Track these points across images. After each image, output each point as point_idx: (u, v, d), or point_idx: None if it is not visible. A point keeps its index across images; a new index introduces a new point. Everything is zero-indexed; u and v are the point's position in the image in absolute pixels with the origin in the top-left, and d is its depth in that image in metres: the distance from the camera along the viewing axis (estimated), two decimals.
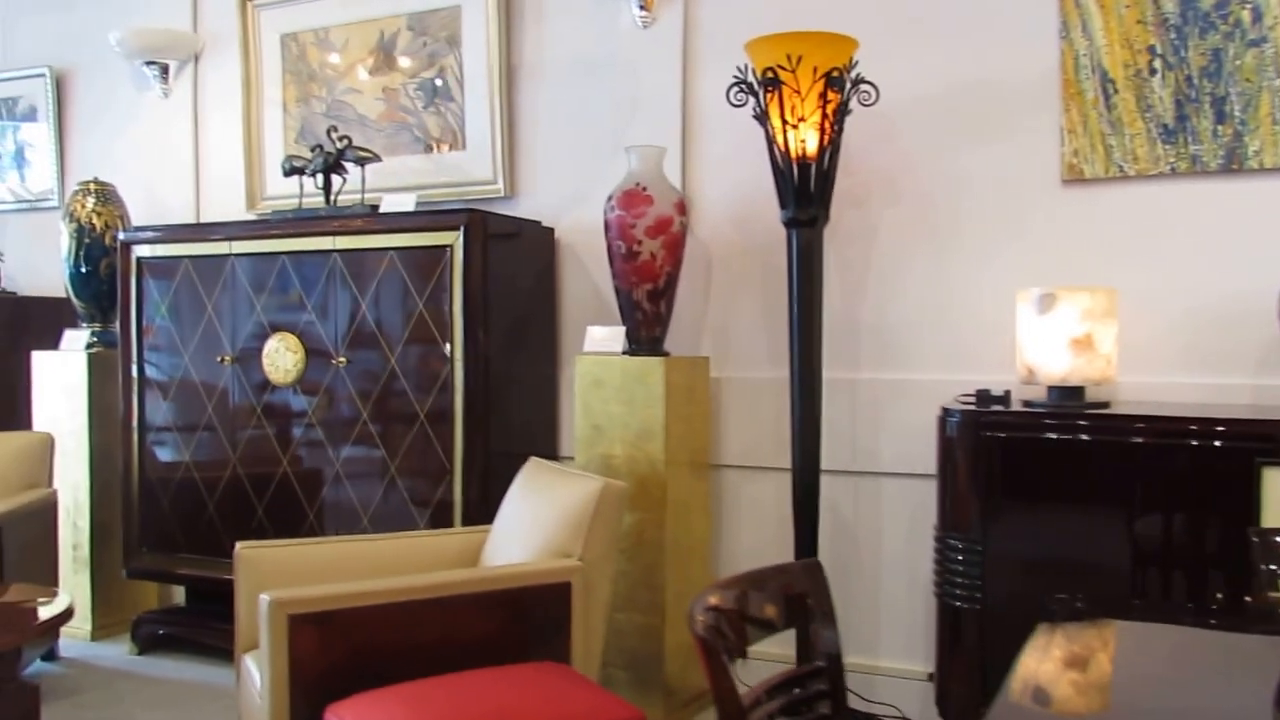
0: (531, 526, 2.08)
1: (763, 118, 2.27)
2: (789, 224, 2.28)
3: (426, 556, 2.21)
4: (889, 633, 2.59)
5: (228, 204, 3.50)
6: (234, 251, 2.91)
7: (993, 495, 2.01)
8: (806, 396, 2.29)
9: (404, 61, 3.15)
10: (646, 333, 2.53)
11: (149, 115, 3.68)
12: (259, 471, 2.90)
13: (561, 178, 2.96)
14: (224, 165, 3.54)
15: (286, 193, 3.33)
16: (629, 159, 2.54)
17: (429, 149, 3.13)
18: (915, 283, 2.55)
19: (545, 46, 2.98)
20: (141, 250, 3.08)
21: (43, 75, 3.85)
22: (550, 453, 2.93)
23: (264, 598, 1.64)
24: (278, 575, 2.03)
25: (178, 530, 3.04)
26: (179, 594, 3.48)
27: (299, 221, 2.84)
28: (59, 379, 3.32)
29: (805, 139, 2.21)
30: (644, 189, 2.47)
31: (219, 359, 2.94)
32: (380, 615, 1.69)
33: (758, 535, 2.73)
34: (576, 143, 2.94)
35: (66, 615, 1.94)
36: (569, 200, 2.95)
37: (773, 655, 1.79)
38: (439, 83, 3.10)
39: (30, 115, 3.93)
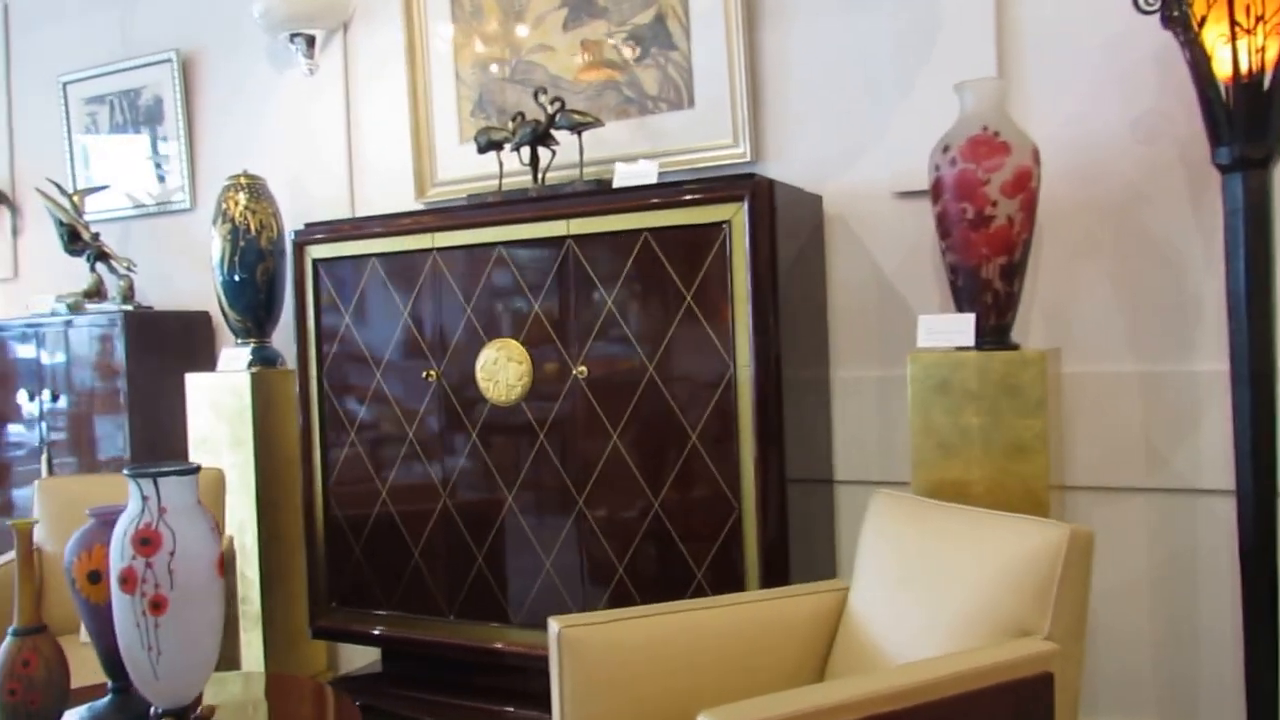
0: (938, 589, 1.54)
1: (1184, 26, 1.70)
2: (1230, 166, 1.70)
3: (778, 628, 1.69)
4: None
5: (389, 193, 3.01)
6: (436, 245, 2.41)
7: None
8: (1257, 394, 1.71)
9: (609, 7, 2.62)
10: (996, 320, 1.97)
11: (291, 96, 3.21)
12: (477, 510, 2.40)
13: (823, 135, 2.40)
14: (383, 148, 3.05)
15: (465, 175, 2.83)
16: (962, 98, 1.97)
17: (645, 110, 2.60)
18: None
19: None
20: (318, 250, 2.59)
21: (169, 60, 3.40)
22: (825, 475, 2.39)
23: None
24: (615, 660, 1.56)
25: (374, 581, 2.56)
26: (349, 653, 3.02)
27: (521, 204, 2.32)
28: (217, 404, 2.86)
29: (1265, 47, 1.62)
30: (996, 134, 1.90)
31: (423, 374, 2.44)
32: None
33: (1117, 576, 2.14)
34: (843, 90, 2.37)
35: None
36: (835, 162, 2.39)
37: None
38: (657, 28, 2.56)
39: (155, 106, 3.48)
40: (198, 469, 1.38)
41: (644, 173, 2.27)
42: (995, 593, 1.44)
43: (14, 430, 3.40)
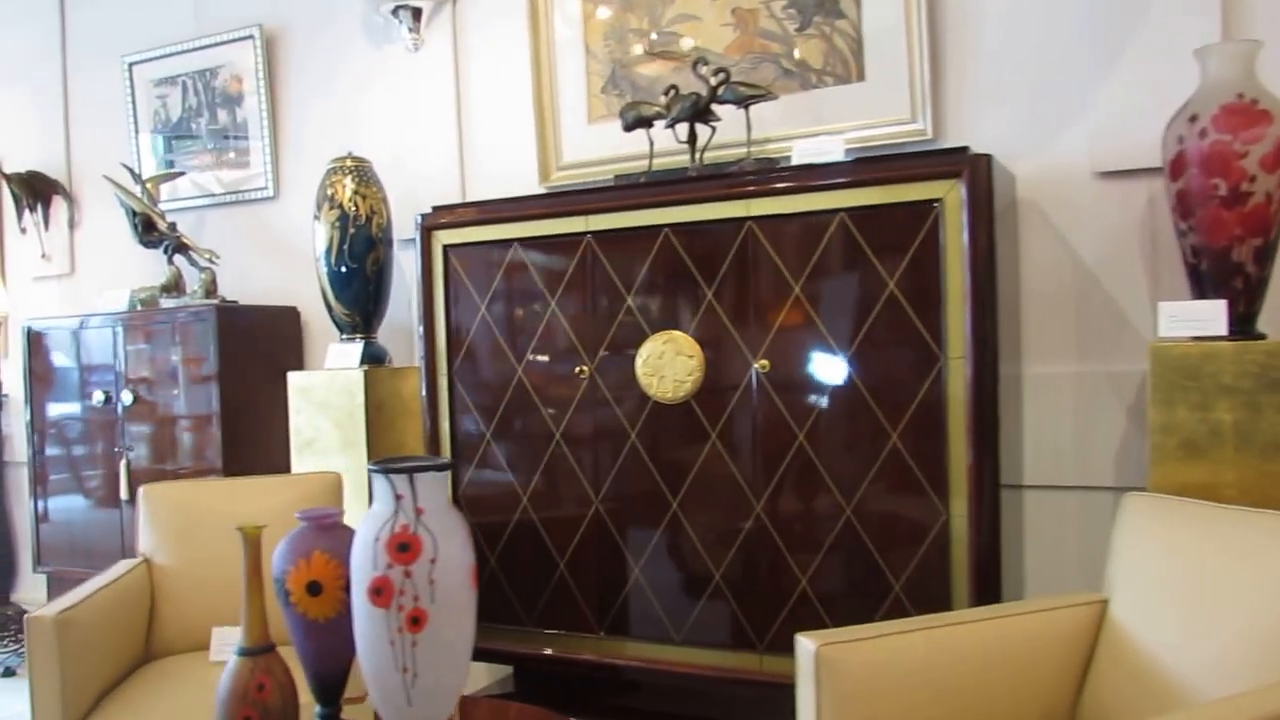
0: (1240, 604, 1.37)
1: None
2: None
3: (1036, 645, 1.54)
4: None
5: (505, 176, 2.81)
6: (590, 229, 2.22)
7: None
8: None
9: None
10: (1245, 307, 1.79)
11: (393, 74, 3.00)
12: (635, 517, 2.20)
13: (1013, 111, 2.21)
14: (498, 129, 2.84)
15: (595, 157, 2.64)
16: (1205, 64, 1.79)
17: (807, 84, 2.41)
18: None
19: None
20: (448, 235, 2.39)
21: (251, 37, 3.19)
22: (1014, 479, 2.20)
23: None
24: (875, 683, 1.42)
25: (513, 594, 2.36)
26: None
27: (687, 184, 2.13)
28: (325, 404, 2.65)
29: None
30: (1254, 102, 1.73)
31: (574, 370, 2.24)
32: None
33: None
34: (1036, 60, 2.19)
35: None
36: (1026, 140, 2.19)
37: None
38: None
39: (234, 87, 3.27)
40: (450, 464, 1.19)
41: (827, 150, 2.08)
42: None
43: (52, 432, 3.19)
